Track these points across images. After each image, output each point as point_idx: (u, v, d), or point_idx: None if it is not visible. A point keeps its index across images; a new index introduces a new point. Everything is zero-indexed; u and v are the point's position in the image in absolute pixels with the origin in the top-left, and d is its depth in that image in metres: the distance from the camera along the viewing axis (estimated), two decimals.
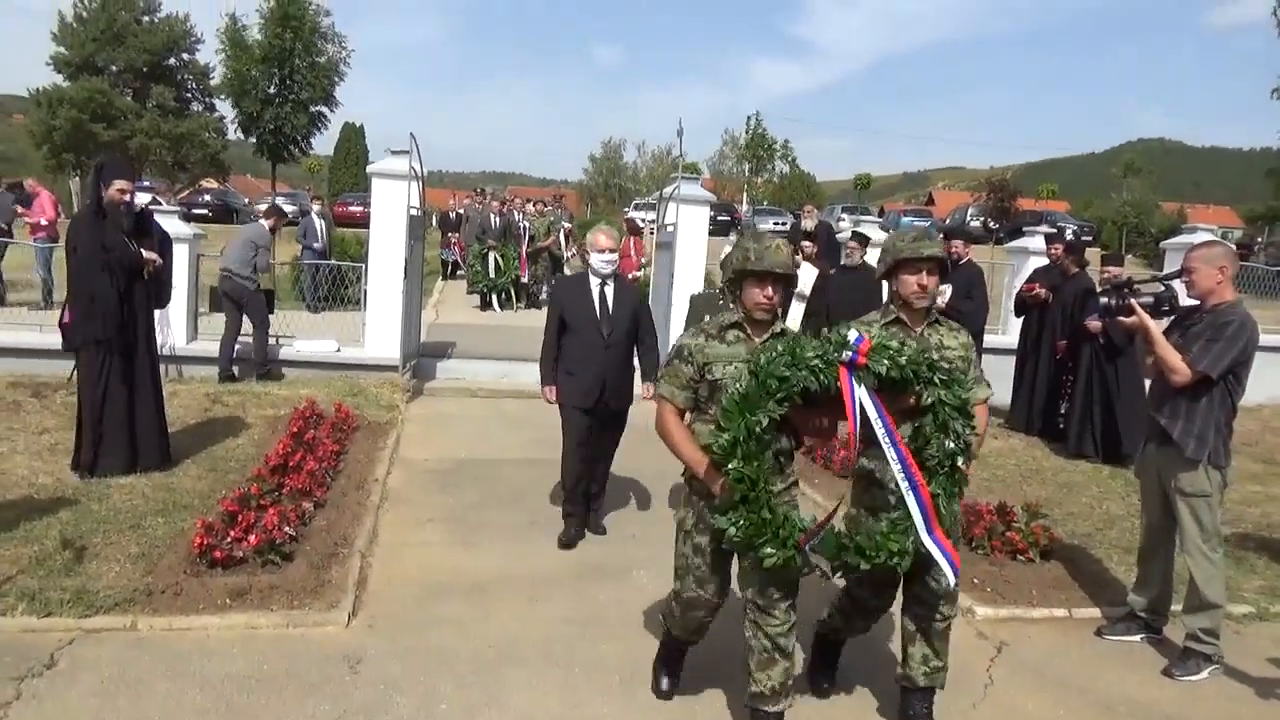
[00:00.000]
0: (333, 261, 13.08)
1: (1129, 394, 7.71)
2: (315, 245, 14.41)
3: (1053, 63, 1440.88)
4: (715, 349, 3.32)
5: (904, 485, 3.02)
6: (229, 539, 4.64)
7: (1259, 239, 39.25)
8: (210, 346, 9.31)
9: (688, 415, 3.41)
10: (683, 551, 3.43)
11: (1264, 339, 4.70)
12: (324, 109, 21.67)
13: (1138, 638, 4.58)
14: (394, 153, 9.60)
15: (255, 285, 9.33)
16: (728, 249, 4.60)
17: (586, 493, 5.65)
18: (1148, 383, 4.49)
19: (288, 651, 3.95)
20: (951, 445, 3.06)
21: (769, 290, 3.25)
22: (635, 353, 5.60)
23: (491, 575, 4.97)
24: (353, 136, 47.07)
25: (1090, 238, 33.75)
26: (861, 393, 2.96)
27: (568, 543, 5.48)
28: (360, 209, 23.43)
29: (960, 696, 3.82)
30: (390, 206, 9.43)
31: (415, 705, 3.62)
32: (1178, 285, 4.40)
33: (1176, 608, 4.52)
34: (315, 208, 15.31)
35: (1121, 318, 4.40)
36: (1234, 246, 5.42)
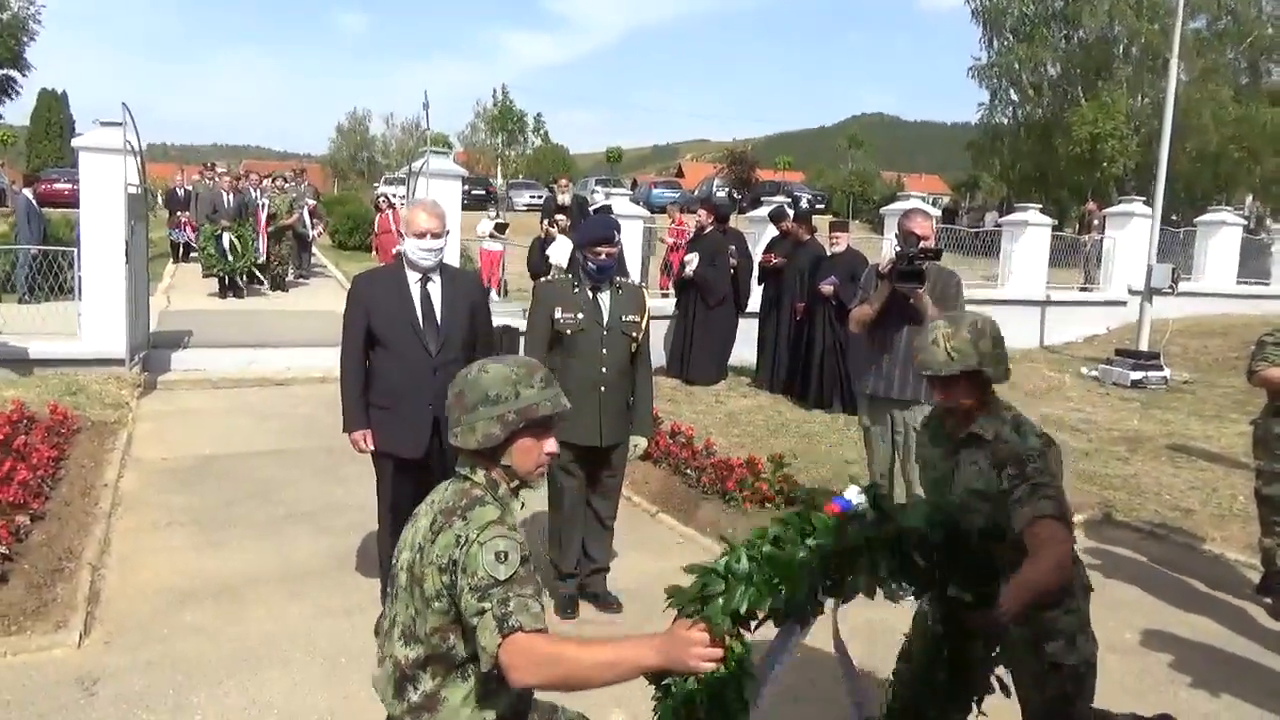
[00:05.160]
0: (35, 247, 11.68)
1: (857, 349, 8.44)
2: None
3: (786, 42, 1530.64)
4: None
5: None
6: None
7: (962, 204, 44.09)
8: None
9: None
10: None
11: (968, 294, 5.34)
12: (13, 73, 18.90)
13: None
14: (104, 124, 8.69)
15: None
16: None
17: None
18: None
19: (9, 683, 3.56)
20: None
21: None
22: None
23: (243, 575, 4.71)
24: (53, 105, 42.05)
25: (823, 204, 36.68)
26: None
27: None
28: (68, 187, 20.88)
29: None
30: (103, 184, 8.52)
31: None
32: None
33: None
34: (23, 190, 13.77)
35: (914, 282, 4.59)
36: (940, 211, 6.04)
